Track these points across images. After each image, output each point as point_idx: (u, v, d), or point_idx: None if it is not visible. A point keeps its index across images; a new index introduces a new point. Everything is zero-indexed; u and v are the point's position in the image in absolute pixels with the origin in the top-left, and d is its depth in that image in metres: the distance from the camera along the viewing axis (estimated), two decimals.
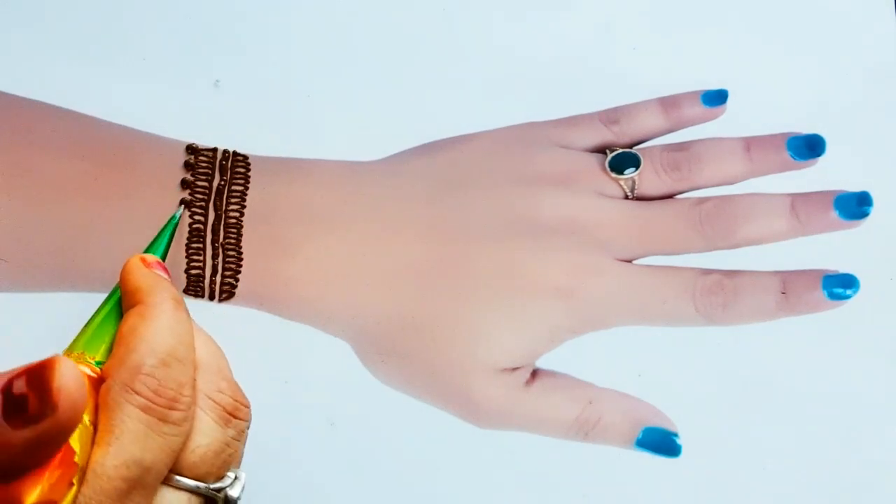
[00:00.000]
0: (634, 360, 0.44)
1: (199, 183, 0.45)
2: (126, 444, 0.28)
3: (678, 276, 0.45)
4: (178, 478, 0.30)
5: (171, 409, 0.30)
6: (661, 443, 0.43)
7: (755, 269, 0.45)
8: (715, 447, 0.43)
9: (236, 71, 0.48)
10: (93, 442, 0.28)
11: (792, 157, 0.47)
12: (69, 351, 0.33)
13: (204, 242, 0.45)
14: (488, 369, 0.43)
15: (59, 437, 0.24)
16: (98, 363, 0.32)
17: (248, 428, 0.34)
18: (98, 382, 0.31)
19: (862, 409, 0.44)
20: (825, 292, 0.45)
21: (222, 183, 0.46)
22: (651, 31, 0.50)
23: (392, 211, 0.46)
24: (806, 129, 0.48)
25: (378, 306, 0.44)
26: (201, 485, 0.31)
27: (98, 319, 0.34)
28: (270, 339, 0.44)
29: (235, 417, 0.33)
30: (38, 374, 0.24)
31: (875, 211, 0.46)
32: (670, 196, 0.47)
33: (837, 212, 0.46)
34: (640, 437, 0.43)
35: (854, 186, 0.46)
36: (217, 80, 0.48)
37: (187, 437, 0.31)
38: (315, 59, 0.49)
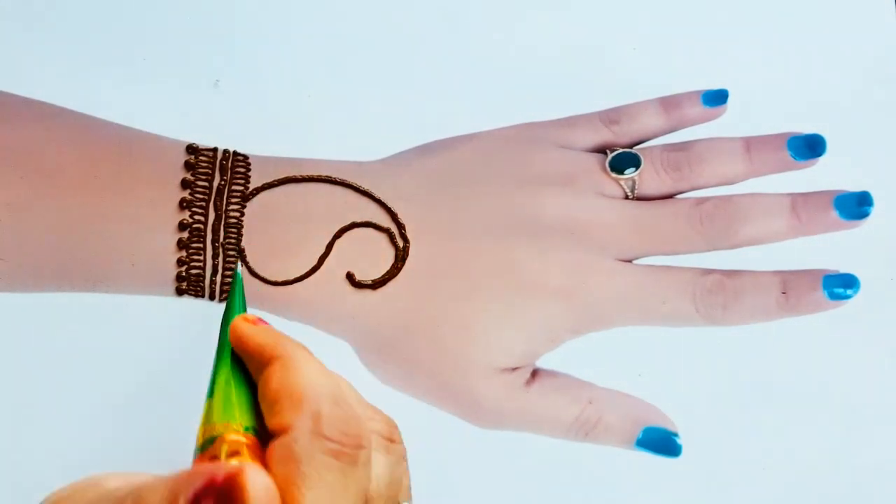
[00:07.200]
0: (634, 360, 0.44)
1: (200, 183, 0.45)
2: (324, 498, 0.27)
3: (678, 276, 0.45)
4: None
5: (359, 448, 0.28)
6: (662, 443, 0.43)
7: (755, 269, 0.45)
8: (715, 447, 0.43)
9: (236, 71, 0.48)
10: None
11: (792, 157, 0.47)
12: (209, 424, 0.31)
13: (204, 242, 0.45)
14: (488, 369, 0.43)
15: None
16: (247, 428, 0.30)
17: (405, 452, 0.32)
18: (256, 448, 0.29)
19: (862, 409, 0.44)
20: (826, 292, 0.45)
21: (222, 183, 0.46)
22: (651, 31, 0.50)
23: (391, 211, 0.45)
24: (806, 128, 0.48)
25: (378, 306, 0.44)
26: None
27: (221, 388, 0.32)
28: None
29: (392, 442, 0.32)
30: (228, 494, 0.23)
31: (875, 211, 0.46)
32: (671, 196, 0.47)
33: (837, 212, 0.46)
34: (641, 436, 0.43)
35: (854, 186, 0.46)
36: (217, 80, 0.48)
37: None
38: (315, 59, 0.49)
